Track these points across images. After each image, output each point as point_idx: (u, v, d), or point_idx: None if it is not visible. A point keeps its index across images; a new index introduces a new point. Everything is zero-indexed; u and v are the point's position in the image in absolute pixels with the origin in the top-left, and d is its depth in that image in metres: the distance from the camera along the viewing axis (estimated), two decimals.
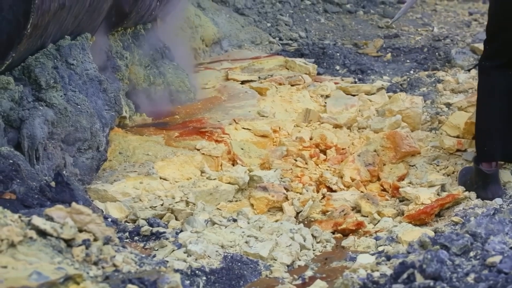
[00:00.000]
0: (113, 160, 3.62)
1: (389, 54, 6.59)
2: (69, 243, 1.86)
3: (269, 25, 7.15)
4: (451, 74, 5.67)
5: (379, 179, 3.77)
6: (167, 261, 2.47)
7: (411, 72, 6.02)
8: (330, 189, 3.68)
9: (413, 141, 3.91)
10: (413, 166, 3.81)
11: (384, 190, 3.66)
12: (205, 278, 2.45)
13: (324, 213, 3.46)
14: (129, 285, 1.76)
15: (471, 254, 2.03)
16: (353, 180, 3.71)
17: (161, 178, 3.49)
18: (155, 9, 4.68)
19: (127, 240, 2.81)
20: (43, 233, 1.83)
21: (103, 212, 3.03)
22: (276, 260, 2.70)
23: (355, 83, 5.53)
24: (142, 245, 2.75)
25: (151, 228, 2.88)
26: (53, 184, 2.67)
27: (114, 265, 1.89)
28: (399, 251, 2.51)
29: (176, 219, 3.16)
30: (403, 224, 3.16)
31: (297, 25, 7.30)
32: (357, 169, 3.76)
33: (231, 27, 6.66)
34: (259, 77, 5.30)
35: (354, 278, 2.10)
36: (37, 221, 1.84)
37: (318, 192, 3.65)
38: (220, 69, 5.45)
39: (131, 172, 3.47)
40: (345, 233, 3.20)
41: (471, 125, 3.69)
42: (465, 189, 3.40)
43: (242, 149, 3.94)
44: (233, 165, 3.79)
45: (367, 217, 3.36)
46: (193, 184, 3.47)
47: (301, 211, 3.42)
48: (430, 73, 5.78)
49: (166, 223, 3.10)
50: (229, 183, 3.51)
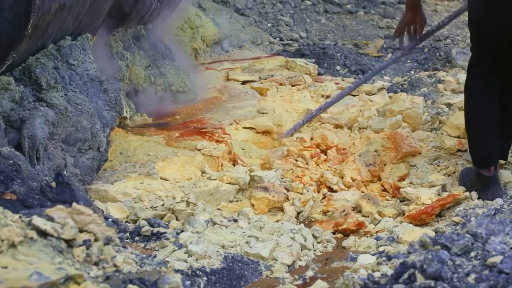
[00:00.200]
0: (114, 160, 3.62)
1: (390, 54, 6.59)
2: (70, 243, 1.86)
3: (269, 25, 7.15)
4: (451, 74, 5.67)
5: (379, 179, 3.77)
6: (168, 262, 2.46)
7: (412, 72, 6.02)
8: (330, 189, 3.67)
9: (413, 141, 3.91)
10: (413, 166, 3.81)
11: (384, 190, 3.65)
12: (205, 278, 2.45)
13: (324, 213, 3.46)
14: (130, 285, 1.76)
15: (472, 254, 2.03)
16: (353, 180, 3.70)
17: (161, 178, 3.49)
18: (155, 10, 4.68)
19: (128, 240, 2.81)
20: (43, 234, 1.83)
21: (103, 212, 3.03)
22: (276, 260, 2.70)
23: None
24: (142, 245, 2.75)
25: (151, 228, 2.88)
26: (53, 184, 2.67)
27: (114, 266, 1.89)
28: (400, 251, 2.51)
29: (176, 220, 3.16)
30: (404, 224, 3.16)
31: (297, 25, 7.30)
32: (357, 169, 3.76)
33: (231, 28, 6.66)
34: (260, 78, 5.30)
35: (355, 278, 2.10)
36: (38, 221, 1.84)
37: (318, 192, 3.65)
38: (220, 70, 5.44)
39: (131, 172, 3.47)
40: (346, 233, 3.19)
41: None
42: (465, 190, 3.40)
43: (242, 149, 3.94)
44: (234, 165, 3.79)
45: (368, 217, 3.35)
46: (194, 184, 3.46)
47: (301, 211, 3.42)
48: (430, 73, 5.78)
49: (166, 223, 3.10)
50: (229, 183, 3.51)
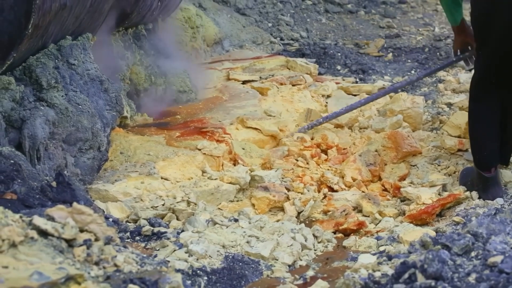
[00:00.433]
0: (114, 160, 3.62)
1: (390, 54, 6.59)
2: (70, 243, 1.86)
3: (270, 25, 7.15)
4: (452, 74, 5.67)
5: (380, 179, 3.77)
6: (168, 261, 2.46)
7: (412, 72, 6.02)
8: (331, 189, 3.67)
9: (414, 141, 3.91)
10: (414, 166, 3.81)
11: (385, 190, 3.66)
12: (206, 278, 2.45)
13: (325, 213, 3.46)
14: (130, 285, 1.76)
15: (473, 254, 2.03)
16: (354, 180, 3.70)
17: (162, 178, 3.49)
18: (156, 9, 4.68)
19: (128, 240, 2.81)
20: (44, 233, 1.83)
21: (104, 212, 3.02)
22: (277, 260, 2.70)
23: (356, 83, 5.53)
24: (143, 245, 2.75)
25: (152, 228, 2.88)
26: (54, 184, 2.67)
27: (115, 265, 1.89)
28: (400, 251, 2.51)
29: (177, 219, 3.16)
30: (404, 224, 3.16)
31: (298, 25, 7.30)
32: (358, 169, 3.76)
33: (232, 27, 6.66)
34: (260, 77, 5.31)
35: (355, 278, 2.10)
36: (38, 221, 1.84)
37: (319, 192, 3.65)
38: (221, 69, 5.45)
39: (132, 172, 3.48)
40: (346, 233, 3.19)
41: None
42: (466, 189, 3.39)
43: (243, 149, 3.94)
44: (234, 165, 3.79)
45: (368, 217, 3.35)
46: (194, 184, 3.47)
47: (302, 211, 3.42)
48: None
49: (167, 223, 3.10)
50: (230, 183, 3.51)
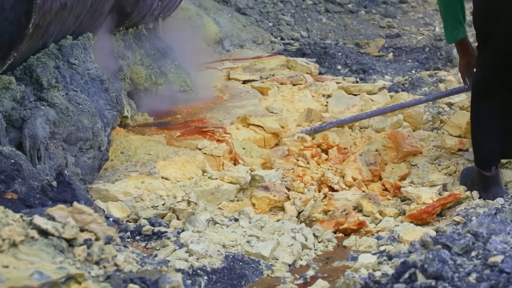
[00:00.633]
0: (115, 159, 3.62)
1: (391, 53, 6.59)
2: (71, 242, 1.86)
3: (270, 24, 7.15)
4: (452, 73, 5.67)
5: (380, 179, 3.77)
6: (169, 261, 2.46)
7: (413, 71, 6.02)
8: (331, 189, 3.67)
9: (414, 140, 3.91)
10: (414, 165, 3.81)
11: (385, 189, 3.65)
12: (206, 277, 2.45)
13: (325, 212, 3.45)
14: (131, 285, 1.76)
15: (473, 253, 2.03)
16: (354, 179, 3.70)
17: (162, 177, 3.49)
18: (156, 9, 4.68)
19: (129, 239, 2.81)
20: (44, 233, 1.83)
21: (104, 211, 3.02)
22: (277, 259, 2.70)
23: (357, 82, 5.53)
24: (143, 244, 2.75)
25: (152, 227, 2.88)
26: (54, 183, 2.67)
27: (115, 265, 1.89)
28: (400, 251, 2.51)
29: (177, 219, 3.16)
30: (405, 223, 3.16)
31: (298, 24, 7.30)
32: (358, 169, 3.76)
33: (232, 27, 6.66)
34: (261, 77, 5.31)
35: (355, 277, 2.10)
36: (39, 220, 1.84)
37: (319, 191, 3.65)
38: (221, 69, 5.45)
39: (132, 171, 3.48)
40: (347, 233, 3.19)
41: None
42: (466, 189, 3.39)
43: (243, 148, 3.94)
44: (235, 164, 3.79)
45: (369, 216, 3.35)
46: (195, 183, 3.47)
47: (302, 211, 3.42)
48: (431, 73, 5.78)
49: (167, 222, 3.10)
50: (230, 182, 3.51)
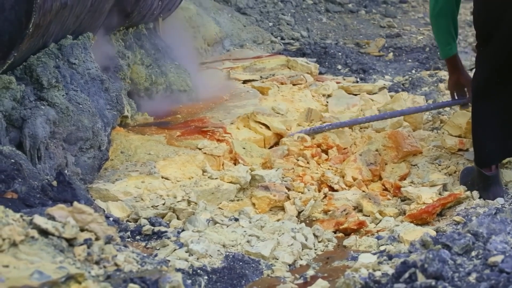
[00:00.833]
0: (115, 159, 3.62)
1: (391, 53, 6.59)
2: (71, 242, 1.86)
3: (271, 24, 7.15)
4: None
5: (380, 179, 3.77)
6: (169, 261, 2.46)
7: (413, 71, 6.02)
8: (331, 189, 3.67)
9: (414, 140, 3.91)
10: (414, 165, 3.81)
11: (385, 189, 3.65)
12: (206, 277, 2.45)
13: (325, 212, 3.45)
14: (131, 285, 1.76)
15: (473, 253, 2.03)
16: (354, 179, 3.70)
17: (162, 177, 3.49)
18: (156, 9, 4.68)
19: (129, 239, 2.81)
20: (44, 233, 1.83)
21: (104, 211, 3.02)
22: (277, 259, 2.70)
23: (357, 82, 5.53)
24: (143, 244, 2.75)
25: (152, 227, 2.88)
26: (54, 183, 2.67)
27: (115, 265, 1.89)
28: (400, 251, 2.51)
29: (177, 219, 3.16)
30: (405, 223, 3.16)
31: (299, 24, 7.30)
32: (358, 169, 3.76)
33: (233, 27, 6.67)
34: (261, 77, 5.31)
35: (355, 277, 2.10)
36: (39, 220, 1.84)
37: (319, 191, 3.65)
38: (222, 69, 5.46)
39: (133, 171, 3.48)
40: (347, 233, 3.19)
41: None
42: (466, 189, 3.39)
43: (243, 148, 3.94)
44: (235, 164, 3.79)
45: (369, 216, 3.35)
46: (195, 183, 3.47)
47: (302, 211, 3.42)
48: (432, 73, 5.78)
49: (167, 222, 3.10)
50: (230, 182, 3.51)
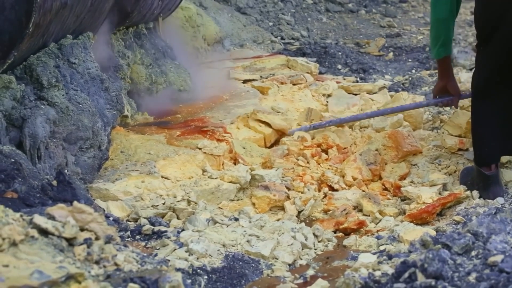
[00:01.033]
0: (115, 159, 3.62)
1: (391, 53, 6.59)
2: (71, 242, 1.86)
3: (271, 24, 7.15)
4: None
5: (380, 178, 3.77)
6: (169, 260, 2.46)
7: (413, 71, 6.02)
8: (331, 188, 3.67)
9: (414, 140, 3.91)
10: (414, 165, 3.81)
11: (385, 189, 3.65)
12: (206, 277, 2.45)
13: (325, 212, 3.46)
14: (131, 284, 1.76)
15: (473, 253, 2.03)
16: (354, 179, 3.70)
17: (162, 177, 3.49)
18: (156, 9, 4.68)
19: (129, 239, 2.81)
20: (44, 232, 1.83)
21: (104, 211, 3.02)
22: (277, 259, 2.70)
23: (357, 82, 5.54)
24: (143, 244, 2.76)
25: (152, 227, 2.88)
26: (54, 183, 2.67)
27: (115, 264, 1.89)
28: (400, 250, 2.51)
29: (177, 218, 3.16)
30: (405, 223, 3.16)
31: (299, 24, 7.30)
32: (358, 168, 3.76)
33: (233, 26, 6.67)
34: (261, 76, 5.32)
35: (355, 277, 2.10)
36: (39, 220, 1.84)
37: (319, 191, 3.65)
38: (222, 68, 5.45)
39: (132, 171, 3.48)
40: (347, 232, 3.19)
41: None
42: (466, 189, 3.39)
43: (243, 148, 3.94)
44: (235, 164, 3.79)
45: (369, 216, 3.35)
46: (195, 183, 3.47)
47: (302, 210, 3.42)
48: (432, 72, 5.78)
49: (167, 222, 3.10)
50: (230, 182, 3.51)
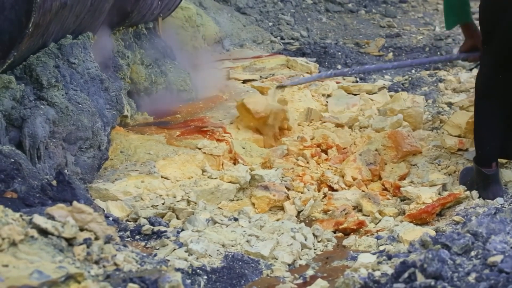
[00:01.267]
0: (115, 159, 3.62)
1: (391, 53, 6.59)
2: (70, 242, 1.86)
3: (270, 24, 7.15)
4: (452, 73, 5.67)
5: (380, 179, 3.77)
6: (168, 260, 2.47)
7: (413, 71, 6.02)
8: (331, 188, 3.67)
9: (414, 140, 3.91)
10: (414, 165, 3.81)
11: (385, 189, 3.65)
12: (206, 277, 2.45)
13: (325, 212, 3.46)
14: (130, 284, 1.76)
15: (472, 253, 2.03)
16: (354, 179, 3.70)
17: (162, 177, 3.49)
18: (156, 8, 4.68)
19: (128, 239, 2.81)
20: (44, 232, 1.83)
21: (104, 211, 3.02)
22: (277, 259, 2.70)
23: (357, 82, 5.53)
24: (143, 244, 2.76)
25: (152, 227, 2.88)
26: (54, 183, 2.67)
27: (115, 264, 1.89)
28: (400, 251, 2.52)
29: (177, 218, 3.16)
30: (404, 223, 3.16)
31: (298, 24, 7.30)
32: (358, 168, 3.76)
33: (232, 26, 6.66)
34: (261, 76, 5.31)
35: (355, 277, 2.10)
36: (39, 220, 1.84)
37: (319, 191, 3.65)
38: (221, 68, 5.45)
39: (132, 171, 3.48)
40: (346, 232, 3.19)
41: (472, 124, 3.68)
42: (466, 189, 3.39)
43: (243, 148, 3.94)
44: (235, 164, 3.79)
45: (368, 216, 3.36)
46: (195, 183, 3.47)
47: (302, 210, 3.42)
48: (431, 73, 5.78)
49: (167, 222, 3.10)
50: (230, 182, 3.51)
